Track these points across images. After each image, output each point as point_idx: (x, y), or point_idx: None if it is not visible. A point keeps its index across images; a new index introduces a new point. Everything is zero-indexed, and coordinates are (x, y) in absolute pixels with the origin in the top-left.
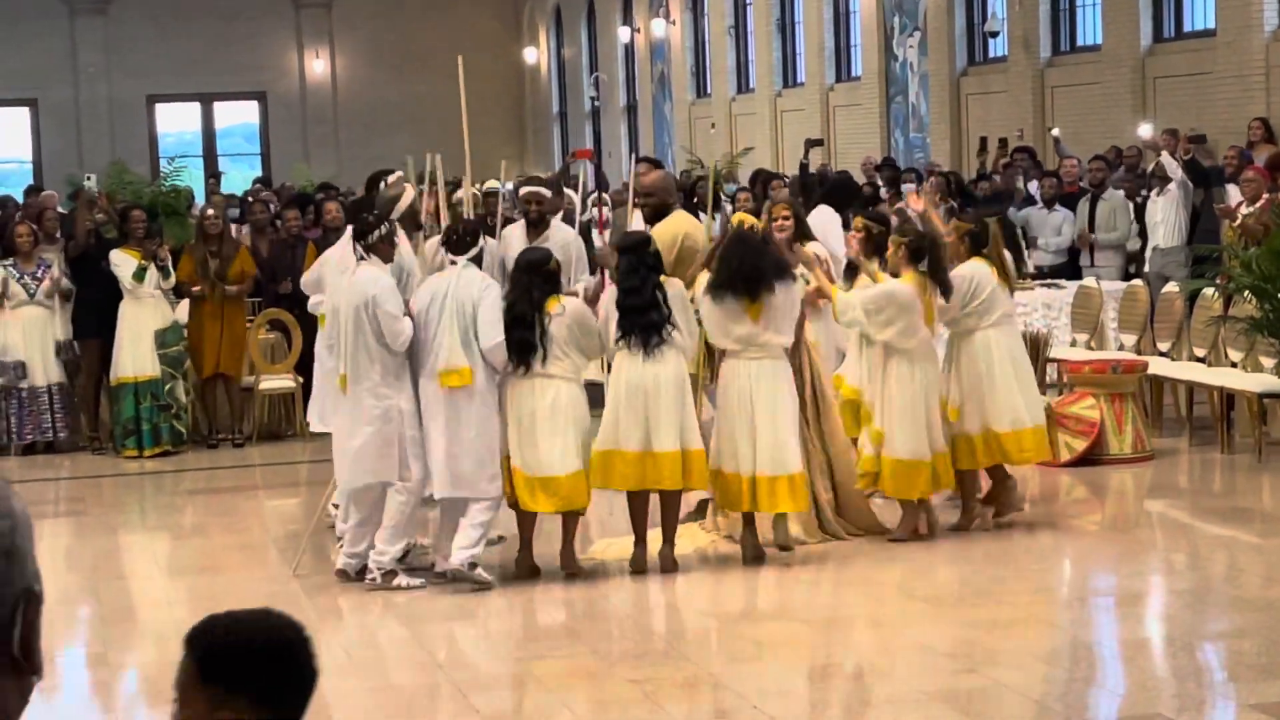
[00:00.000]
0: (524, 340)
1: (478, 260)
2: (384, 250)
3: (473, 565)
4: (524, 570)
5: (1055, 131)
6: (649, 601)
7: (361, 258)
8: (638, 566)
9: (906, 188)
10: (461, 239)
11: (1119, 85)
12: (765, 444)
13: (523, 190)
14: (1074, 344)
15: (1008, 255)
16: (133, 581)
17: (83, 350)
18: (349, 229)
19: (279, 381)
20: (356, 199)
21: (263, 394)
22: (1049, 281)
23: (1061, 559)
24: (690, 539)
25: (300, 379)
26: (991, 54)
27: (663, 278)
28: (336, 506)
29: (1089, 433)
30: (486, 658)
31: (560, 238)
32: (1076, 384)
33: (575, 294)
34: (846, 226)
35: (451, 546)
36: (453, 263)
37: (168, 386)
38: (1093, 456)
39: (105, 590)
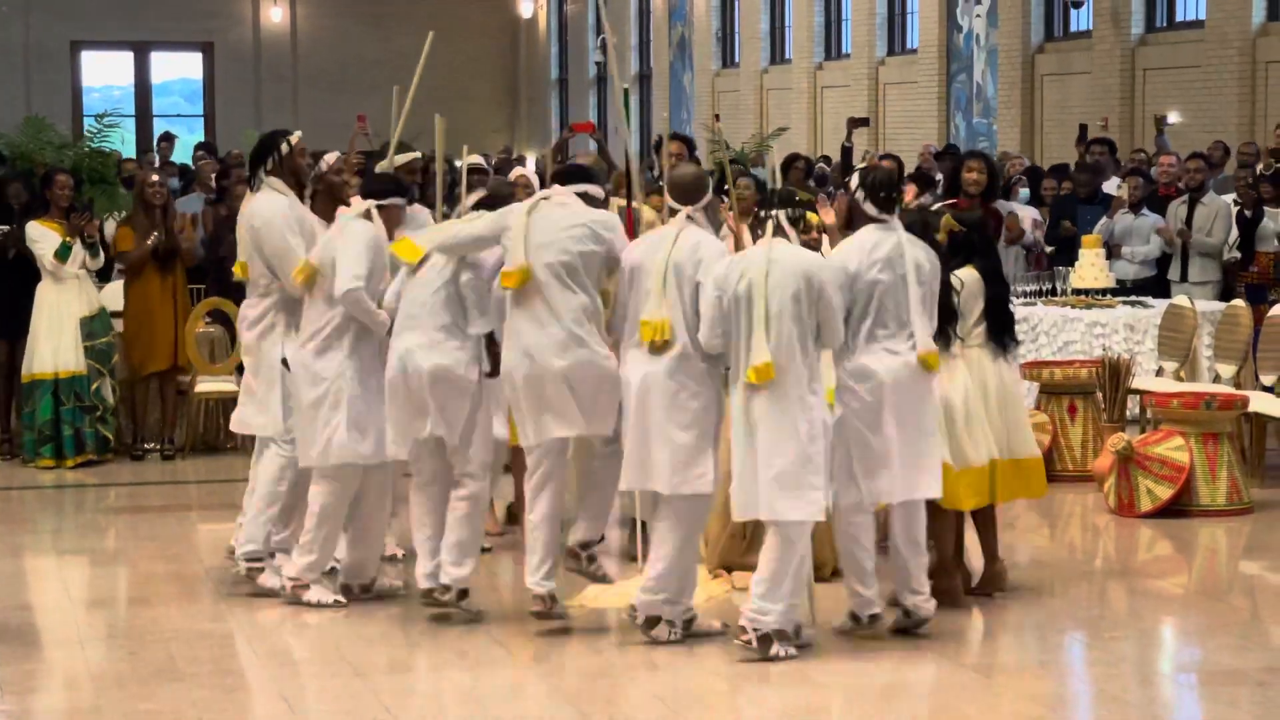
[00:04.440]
0: (947, 308)
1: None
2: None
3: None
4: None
5: (1172, 119)
6: (645, 658)
7: (779, 230)
8: (999, 585)
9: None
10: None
11: (1224, 69)
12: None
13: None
14: (1160, 373)
15: None
16: (40, 614)
17: None
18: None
19: (218, 384)
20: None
21: (199, 398)
22: (1133, 299)
23: (1138, 626)
24: (702, 588)
25: None
26: (1073, 27)
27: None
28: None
29: (1175, 479)
30: None
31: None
32: (1162, 420)
33: None
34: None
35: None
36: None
37: (94, 385)
38: (1179, 506)
39: (6, 623)
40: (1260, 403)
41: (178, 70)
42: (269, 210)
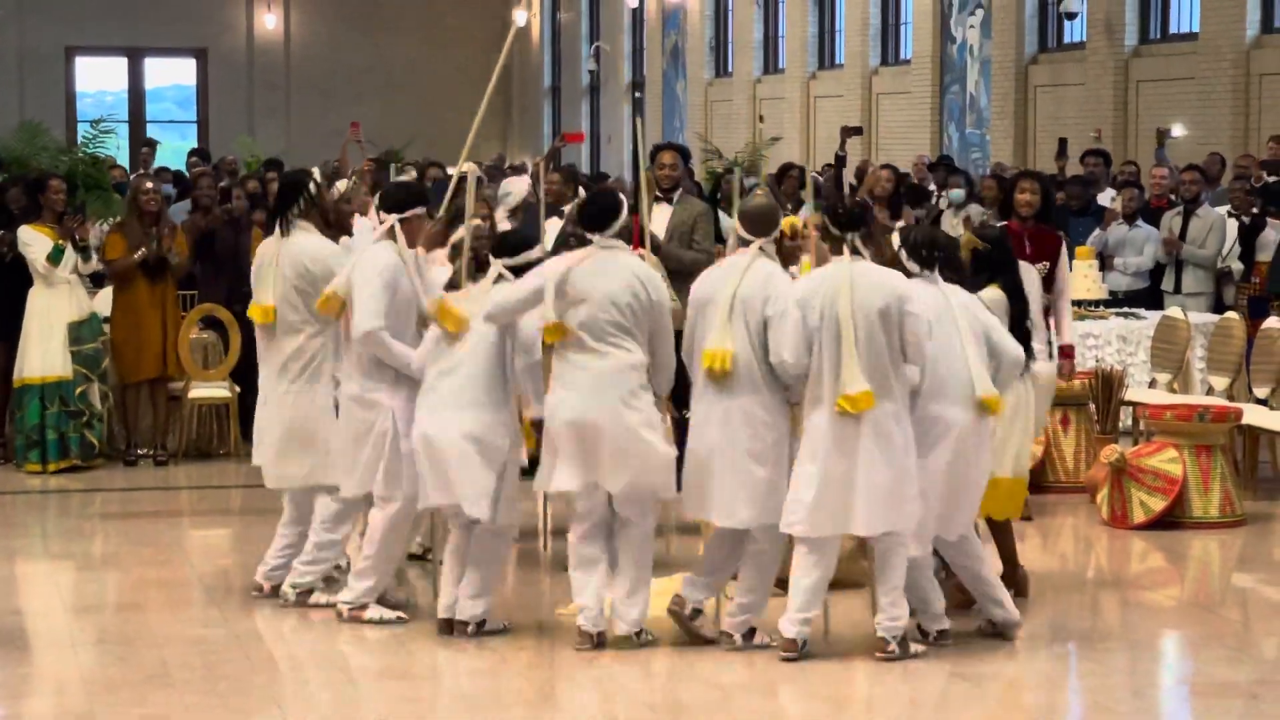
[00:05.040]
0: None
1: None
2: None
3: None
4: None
5: (1176, 132)
6: (639, 668)
7: (856, 251)
8: (1022, 590)
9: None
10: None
11: (1218, 81)
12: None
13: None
14: (1153, 385)
15: None
16: (29, 618)
17: None
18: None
19: (212, 390)
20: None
21: (192, 403)
22: (1126, 310)
23: (1130, 638)
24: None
25: (237, 388)
26: (1067, 39)
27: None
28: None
29: (1169, 491)
30: None
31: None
32: (1156, 432)
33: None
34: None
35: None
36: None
37: (80, 390)
38: (1171, 518)
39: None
40: (1254, 415)
41: (171, 76)
42: (320, 251)
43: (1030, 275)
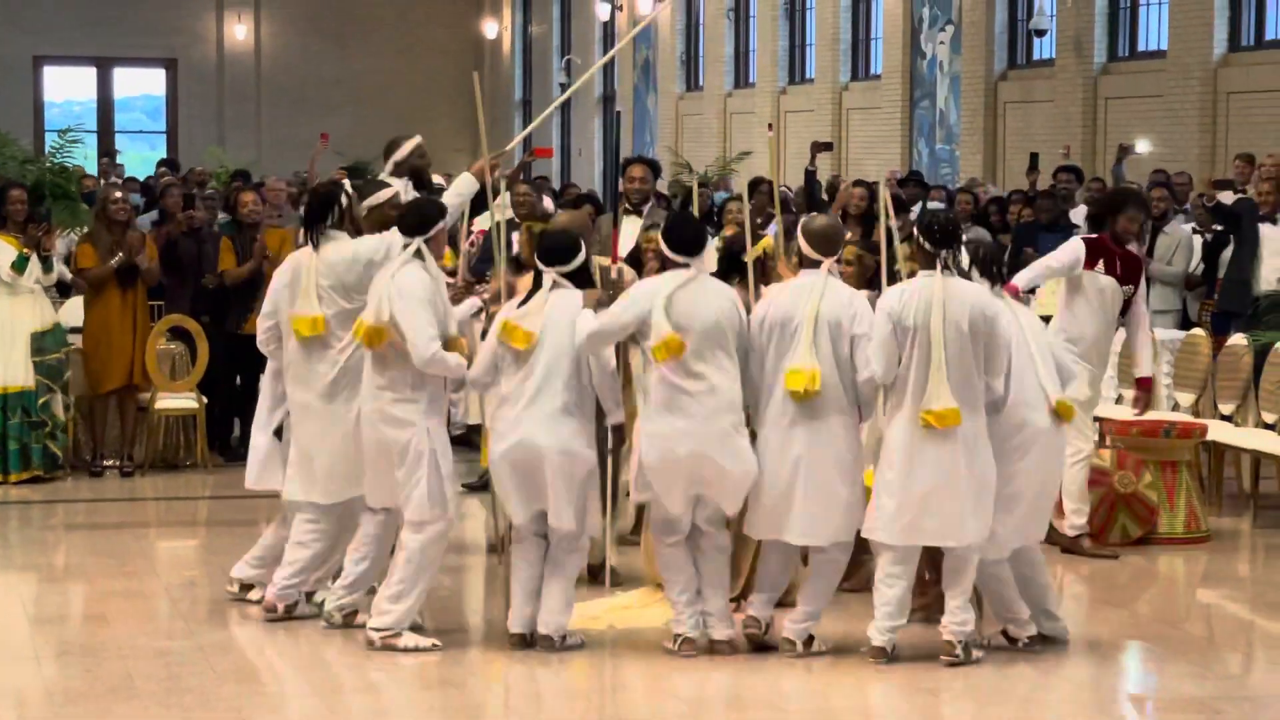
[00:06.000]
0: None
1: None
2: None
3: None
4: None
5: (1141, 148)
6: (613, 680)
7: (947, 267)
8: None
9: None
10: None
11: (1185, 99)
12: None
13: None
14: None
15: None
16: None
17: None
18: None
19: (179, 401)
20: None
21: (159, 414)
22: None
23: (1094, 653)
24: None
25: (205, 399)
26: (1036, 55)
27: None
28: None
29: (1149, 519)
30: None
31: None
32: (1123, 447)
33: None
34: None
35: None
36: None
37: (42, 400)
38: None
39: None
40: (1218, 431)
41: (140, 86)
42: (351, 253)
43: (1107, 295)
